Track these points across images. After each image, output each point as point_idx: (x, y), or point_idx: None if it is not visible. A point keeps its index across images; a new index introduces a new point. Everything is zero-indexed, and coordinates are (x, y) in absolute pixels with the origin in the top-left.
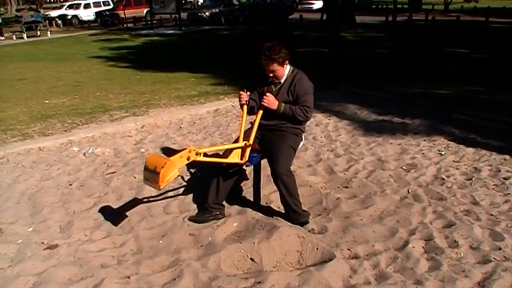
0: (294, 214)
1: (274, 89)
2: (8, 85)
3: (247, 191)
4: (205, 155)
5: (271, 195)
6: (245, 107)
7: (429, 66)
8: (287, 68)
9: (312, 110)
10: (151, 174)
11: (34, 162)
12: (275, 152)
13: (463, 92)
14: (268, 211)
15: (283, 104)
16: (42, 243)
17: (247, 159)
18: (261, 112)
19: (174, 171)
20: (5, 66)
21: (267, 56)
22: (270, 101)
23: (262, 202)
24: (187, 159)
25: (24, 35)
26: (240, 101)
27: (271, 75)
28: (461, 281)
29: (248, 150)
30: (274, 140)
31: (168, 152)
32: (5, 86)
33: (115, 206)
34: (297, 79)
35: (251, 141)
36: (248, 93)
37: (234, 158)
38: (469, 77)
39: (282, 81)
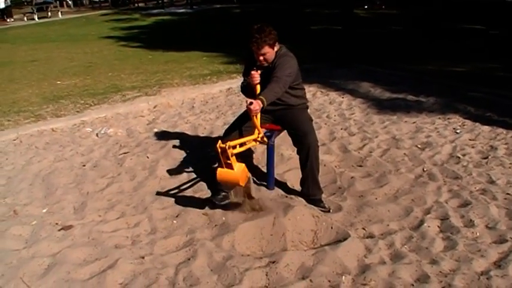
0: (316, 189)
1: (262, 73)
2: (20, 67)
3: (261, 171)
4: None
5: (285, 175)
6: (258, 87)
7: (444, 43)
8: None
9: (285, 79)
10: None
11: (47, 144)
12: (299, 127)
13: (479, 69)
14: (283, 190)
15: (264, 97)
16: (57, 224)
17: (267, 141)
18: (259, 116)
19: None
20: (16, 48)
21: (257, 39)
22: (257, 109)
23: (276, 181)
24: (231, 155)
25: (35, 16)
26: (252, 81)
27: (261, 58)
28: (477, 261)
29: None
30: (291, 117)
31: (182, 133)
32: (17, 68)
33: (128, 186)
34: (279, 56)
35: (261, 132)
36: (259, 72)
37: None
38: (486, 53)
39: (271, 64)
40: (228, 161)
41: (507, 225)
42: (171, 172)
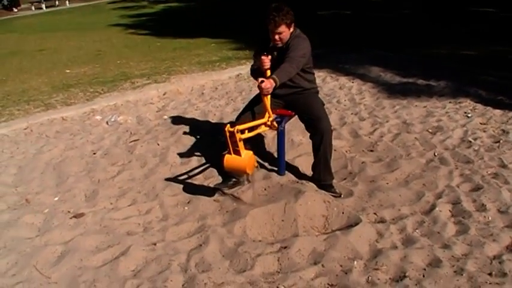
0: (328, 174)
1: (275, 54)
2: (29, 56)
3: (272, 156)
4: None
5: (295, 160)
6: (268, 72)
7: (454, 26)
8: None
9: (299, 60)
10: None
11: (58, 132)
12: (313, 111)
13: (489, 52)
14: (293, 176)
15: (276, 77)
16: (69, 212)
17: (276, 126)
18: (269, 98)
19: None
20: (25, 38)
21: (274, 17)
22: (268, 87)
23: (287, 167)
24: (239, 140)
25: (43, 6)
26: (262, 66)
27: (277, 37)
28: (489, 245)
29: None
30: (304, 101)
31: (192, 119)
32: (26, 57)
33: (139, 173)
34: (293, 37)
35: (272, 116)
36: (269, 56)
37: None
38: (496, 36)
39: (285, 45)
40: (236, 147)
41: None
42: (182, 159)
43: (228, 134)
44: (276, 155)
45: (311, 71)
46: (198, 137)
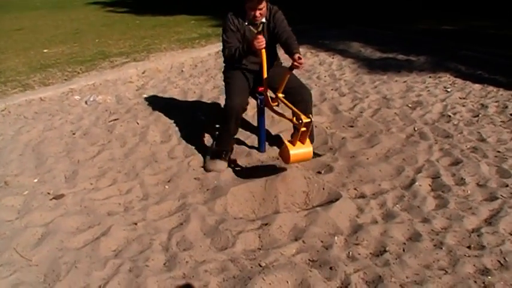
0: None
1: (259, 29)
2: (5, 36)
3: (252, 133)
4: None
5: (275, 137)
6: (264, 52)
7: (434, 2)
8: None
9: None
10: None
11: (36, 113)
12: (294, 81)
13: (470, 27)
14: (274, 152)
15: (299, 53)
16: (48, 193)
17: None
18: (287, 76)
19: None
20: (0, 17)
21: None
22: (304, 62)
23: (267, 144)
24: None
25: None
26: (259, 45)
27: (258, 13)
28: (468, 219)
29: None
30: (278, 74)
31: (171, 98)
32: (2, 37)
33: (119, 153)
34: (274, 12)
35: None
36: (262, 35)
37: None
38: (477, 12)
39: (264, 19)
40: (308, 135)
41: (497, 183)
42: (162, 137)
43: (309, 126)
44: (256, 132)
45: None
46: (178, 115)
